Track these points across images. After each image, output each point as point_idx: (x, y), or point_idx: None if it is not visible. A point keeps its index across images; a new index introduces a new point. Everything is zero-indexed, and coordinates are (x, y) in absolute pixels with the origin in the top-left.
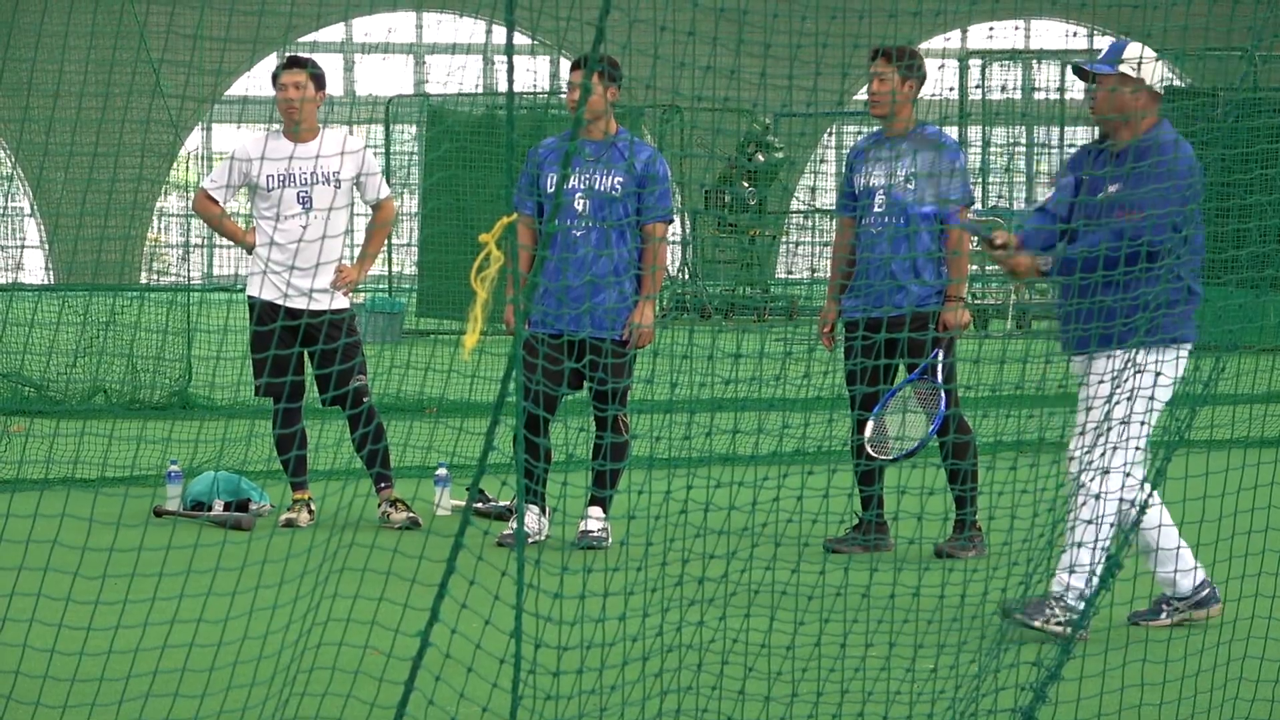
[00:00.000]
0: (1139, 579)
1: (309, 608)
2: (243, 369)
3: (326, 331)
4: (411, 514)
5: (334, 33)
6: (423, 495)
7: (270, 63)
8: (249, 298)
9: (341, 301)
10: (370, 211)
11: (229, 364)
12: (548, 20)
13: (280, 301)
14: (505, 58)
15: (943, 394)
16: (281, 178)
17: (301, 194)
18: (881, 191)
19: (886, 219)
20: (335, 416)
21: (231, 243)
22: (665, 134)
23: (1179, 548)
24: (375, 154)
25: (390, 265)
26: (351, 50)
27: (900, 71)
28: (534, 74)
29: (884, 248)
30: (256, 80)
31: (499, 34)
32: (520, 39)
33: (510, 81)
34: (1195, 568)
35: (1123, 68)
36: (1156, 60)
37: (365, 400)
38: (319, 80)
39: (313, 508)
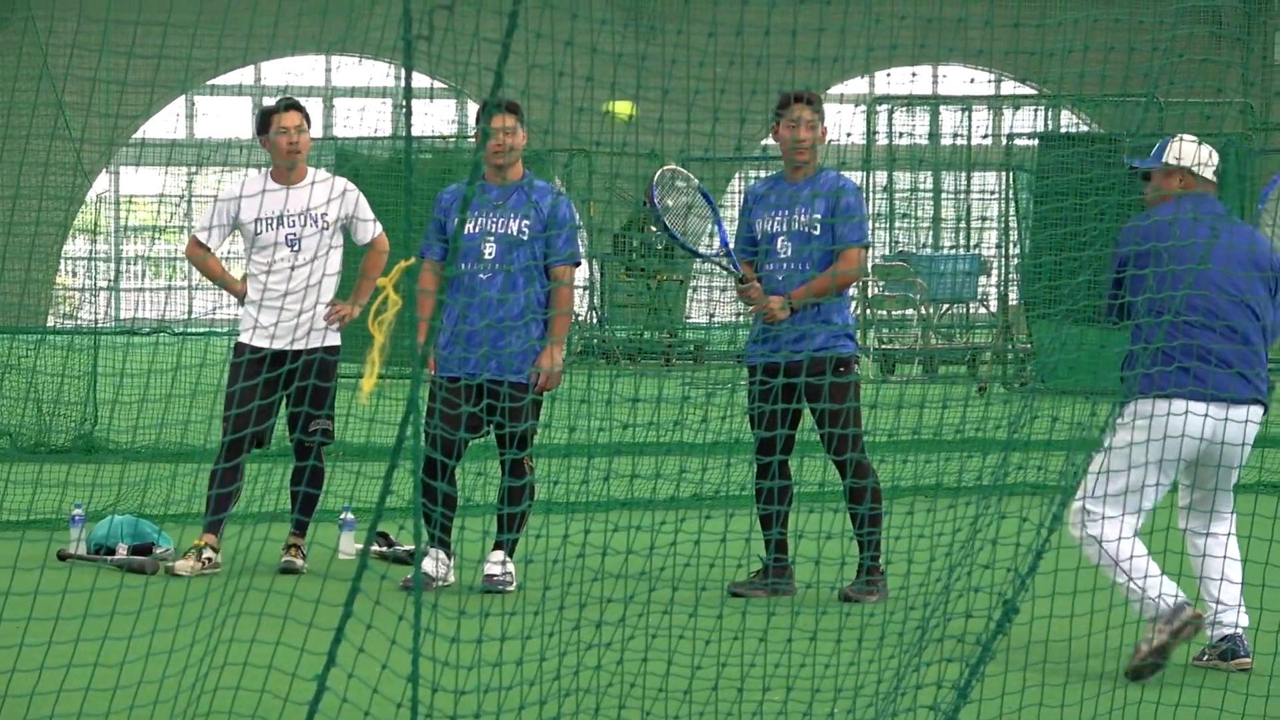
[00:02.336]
0: (1036, 622)
1: (206, 651)
2: (140, 412)
3: (305, 371)
4: (290, 560)
5: (238, 76)
6: (323, 540)
7: (176, 106)
8: (238, 344)
9: (331, 339)
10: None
11: (131, 407)
12: (448, 64)
13: (267, 345)
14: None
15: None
16: (268, 220)
17: (289, 235)
18: (783, 237)
19: (790, 265)
20: (257, 459)
21: (214, 285)
22: (570, 178)
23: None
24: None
25: None
26: (256, 94)
27: (817, 115)
28: (431, 117)
29: (787, 293)
30: (159, 124)
31: (404, 78)
32: (422, 82)
33: (408, 125)
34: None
35: (1168, 159)
36: (1197, 147)
37: (325, 445)
38: (308, 120)
39: (206, 557)
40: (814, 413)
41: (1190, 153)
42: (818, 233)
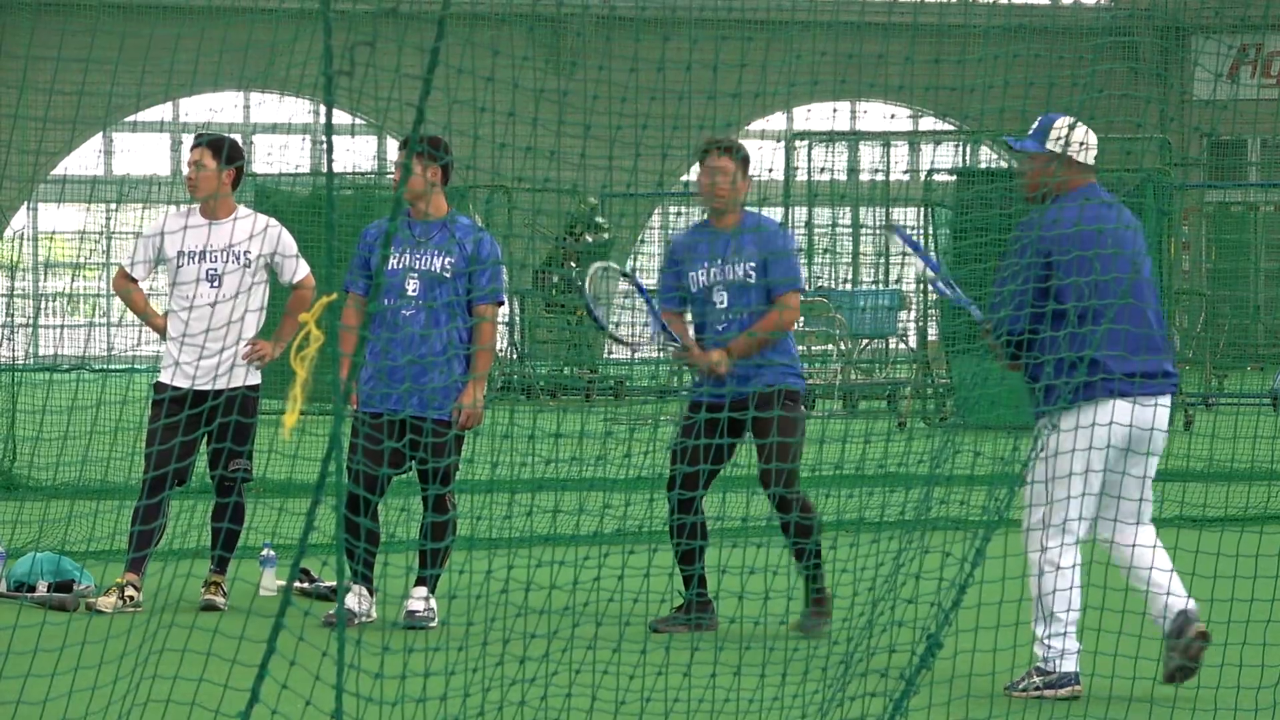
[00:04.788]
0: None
1: (129, 689)
2: (61, 449)
3: (225, 409)
4: (211, 598)
5: (159, 113)
6: (245, 575)
7: (96, 142)
8: (158, 382)
9: (250, 378)
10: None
11: (52, 444)
12: (369, 100)
13: (186, 385)
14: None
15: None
16: (189, 253)
17: (209, 270)
18: (719, 288)
19: (729, 315)
20: (178, 497)
21: (139, 322)
22: (491, 214)
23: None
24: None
25: None
26: (177, 130)
27: (738, 165)
28: (352, 153)
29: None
30: (79, 160)
31: (324, 114)
32: (343, 119)
33: (330, 162)
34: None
35: (1050, 145)
36: (1082, 131)
37: (246, 482)
38: (220, 154)
39: (128, 595)
40: (759, 448)
41: (1077, 137)
42: (753, 281)
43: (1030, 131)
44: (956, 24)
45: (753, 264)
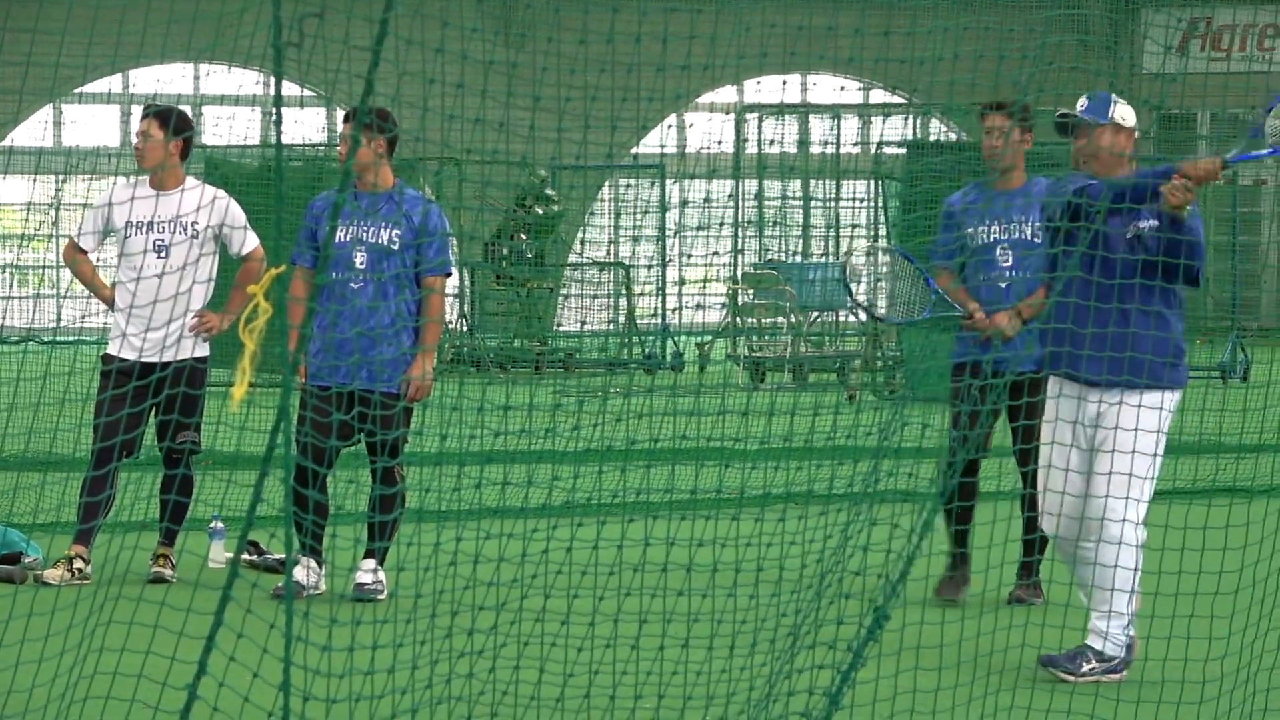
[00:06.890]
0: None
1: (76, 661)
2: (7, 420)
3: (173, 380)
4: (159, 570)
5: (106, 84)
6: (193, 548)
7: (44, 114)
8: (106, 354)
9: (198, 349)
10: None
11: None
12: (317, 72)
13: (133, 357)
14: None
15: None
16: (137, 224)
17: (157, 241)
18: (1003, 245)
19: (1013, 272)
20: (126, 468)
21: (87, 293)
22: (441, 186)
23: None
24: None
25: None
26: (126, 101)
27: (1017, 122)
28: (301, 125)
29: (1012, 301)
30: (27, 131)
31: (273, 85)
32: (291, 90)
33: (279, 134)
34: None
35: (1115, 118)
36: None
37: (194, 454)
38: (168, 124)
39: (76, 567)
40: (1012, 411)
41: (1132, 115)
42: (1039, 240)
43: (1088, 108)
44: None
45: (1039, 224)
